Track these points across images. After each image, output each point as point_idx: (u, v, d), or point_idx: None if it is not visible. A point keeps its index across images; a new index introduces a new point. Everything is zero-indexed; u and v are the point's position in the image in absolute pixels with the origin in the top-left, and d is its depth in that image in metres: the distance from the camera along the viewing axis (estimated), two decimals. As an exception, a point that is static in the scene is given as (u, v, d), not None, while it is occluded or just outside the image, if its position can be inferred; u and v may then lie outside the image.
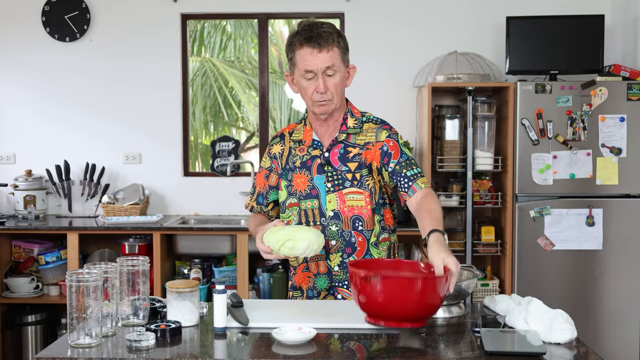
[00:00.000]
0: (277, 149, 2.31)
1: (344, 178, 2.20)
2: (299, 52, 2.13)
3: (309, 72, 2.13)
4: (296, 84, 2.22)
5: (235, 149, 4.71)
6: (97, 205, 4.50)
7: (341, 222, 2.19)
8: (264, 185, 2.33)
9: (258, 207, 2.36)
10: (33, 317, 4.25)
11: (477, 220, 4.23)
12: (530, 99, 3.85)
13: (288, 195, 2.25)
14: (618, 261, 3.86)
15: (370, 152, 2.21)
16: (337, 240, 2.20)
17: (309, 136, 2.26)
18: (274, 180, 2.31)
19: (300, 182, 2.23)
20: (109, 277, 1.86)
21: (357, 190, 2.19)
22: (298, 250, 2.00)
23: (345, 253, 2.20)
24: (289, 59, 2.20)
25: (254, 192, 2.37)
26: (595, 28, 3.99)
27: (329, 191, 2.20)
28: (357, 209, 2.19)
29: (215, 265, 4.31)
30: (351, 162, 2.20)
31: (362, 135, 2.24)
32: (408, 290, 1.70)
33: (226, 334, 1.87)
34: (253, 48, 5.82)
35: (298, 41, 2.13)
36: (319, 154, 2.23)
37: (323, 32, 2.12)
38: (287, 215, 2.26)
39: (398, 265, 1.98)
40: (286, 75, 2.28)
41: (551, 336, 1.78)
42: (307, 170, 2.22)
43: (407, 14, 4.51)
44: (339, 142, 2.23)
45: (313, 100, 2.16)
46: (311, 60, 2.11)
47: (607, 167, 3.84)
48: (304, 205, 2.22)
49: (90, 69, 4.60)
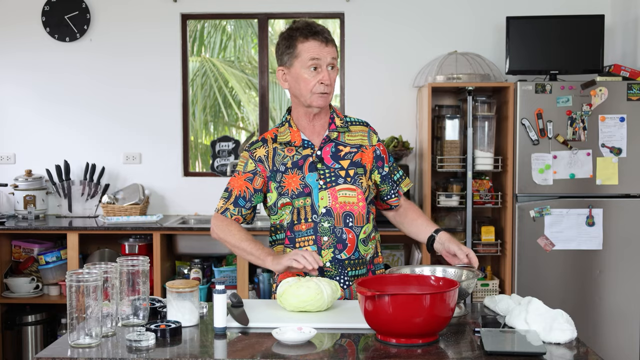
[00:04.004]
0: (261, 152, 2.30)
1: (337, 175, 2.25)
2: (303, 44, 2.20)
3: (315, 61, 2.19)
4: (293, 77, 2.24)
5: (235, 149, 4.71)
6: (97, 205, 4.50)
7: (333, 218, 2.22)
8: (246, 189, 2.30)
9: (235, 210, 2.29)
10: (33, 317, 4.25)
11: (477, 220, 4.23)
12: (530, 99, 3.85)
13: (279, 196, 2.27)
14: (618, 261, 3.86)
15: (365, 155, 2.30)
16: (329, 237, 2.23)
17: (298, 137, 2.29)
18: (259, 184, 2.30)
19: (293, 182, 2.25)
20: (109, 277, 1.86)
21: (350, 186, 2.25)
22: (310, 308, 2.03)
23: (336, 249, 2.23)
24: (287, 52, 2.23)
25: (229, 196, 2.31)
26: (595, 28, 3.99)
27: (322, 188, 2.23)
28: (348, 206, 2.24)
29: (215, 265, 4.31)
30: (343, 160, 2.27)
31: (350, 136, 2.32)
32: (416, 307, 1.70)
33: (226, 334, 1.87)
34: (253, 48, 5.82)
35: (302, 35, 2.20)
36: (310, 153, 2.27)
37: (324, 29, 2.24)
38: (278, 216, 2.29)
39: (406, 280, 1.96)
40: (278, 69, 2.30)
41: (551, 336, 1.78)
42: (299, 170, 2.25)
43: (407, 14, 4.51)
44: (330, 141, 2.29)
45: (314, 92, 2.21)
46: (319, 51, 2.20)
47: (607, 167, 3.84)
48: (297, 204, 2.24)
49: (90, 69, 4.60)
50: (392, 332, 1.75)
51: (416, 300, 1.71)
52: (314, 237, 2.23)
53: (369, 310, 1.75)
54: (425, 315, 1.71)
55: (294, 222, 2.25)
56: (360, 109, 4.35)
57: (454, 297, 1.76)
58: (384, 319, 1.73)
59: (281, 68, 2.28)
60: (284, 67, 2.27)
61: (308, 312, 2.01)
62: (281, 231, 2.30)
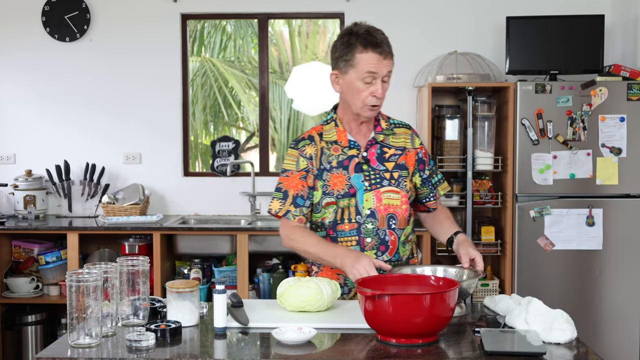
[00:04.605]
0: (310, 150, 2.29)
1: (381, 177, 2.26)
2: (362, 54, 2.16)
3: (371, 74, 2.16)
4: (346, 84, 2.22)
5: (235, 149, 4.71)
6: (97, 205, 4.50)
7: (377, 220, 2.23)
8: (302, 187, 2.27)
9: (297, 211, 2.25)
10: (33, 317, 4.24)
11: (477, 220, 4.23)
12: (530, 99, 3.85)
13: (323, 195, 2.26)
14: (618, 261, 3.86)
15: (408, 157, 2.31)
16: (372, 238, 2.23)
17: (344, 137, 2.29)
18: (311, 181, 2.28)
19: (338, 182, 2.25)
20: (109, 277, 1.86)
21: (394, 189, 2.26)
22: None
23: (379, 251, 2.24)
24: (343, 59, 2.20)
25: (285, 196, 2.27)
26: (595, 28, 3.99)
27: (367, 190, 2.24)
28: (392, 208, 2.25)
29: (215, 265, 4.31)
30: (388, 162, 2.28)
31: (395, 138, 2.33)
32: (416, 307, 1.70)
33: (226, 334, 1.87)
34: (253, 48, 5.82)
35: (361, 44, 2.16)
36: (356, 154, 2.27)
37: (385, 39, 2.19)
38: (321, 214, 2.28)
39: (406, 280, 1.96)
40: (332, 73, 2.27)
41: (551, 336, 1.78)
42: (344, 170, 2.25)
43: (407, 14, 4.51)
44: (376, 143, 2.30)
45: (365, 103, 2.20)
46: (377, 64, 2.16)
47: (607, 167, 3.84)
48: (342, 204, 2.24)
49: (90, 69, 4.59)
50: (392, 332, 1.75)
51: (416, 300, 1.71)
52: (357, 237, 2.23)
53: (369, 310, 1.75)
54: (425, 315, 1.71)
55: (337, 222, 2.25)
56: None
57: (454, 297, 1.76)
58: (384, 319, 1.73)
59: (335, 72, 2.25)
60: (338, 71, 2.23)
61: (308, 312, 2.01)
62: (322, 229, 2.29)
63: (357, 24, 2.22)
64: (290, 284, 2.05)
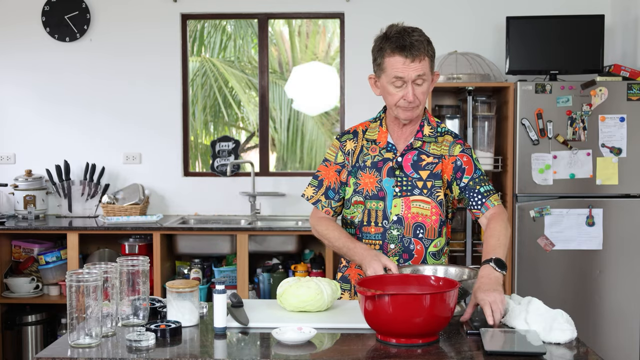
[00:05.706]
0: (350, 145, 2.29)
1: (414, 185, 2.21)
2: (389, 59, 2.12)
3: (398, 80, 2.12)
4: (381, 87, 2.21)
5: (235, 149, 4.71)
6: (97, 205, 4.50)
7: (403, 227, 2.20)
8: (336, 180, 2.28)
9: (326, 203, 2.29)
10: (33, 317, 4.25)
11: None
12: (530, 99, 3.85)
13: (354, 193, 2.25)
14: (618, 261, 3.86)
15: (444, 165, 2.23)
16: (396, 245, 2.21)
17: (384, 138, 2.26)
18: (344, 177, 2.28)
19: (369, 182, 2.23)
20: (109, 277, 1.86)
21: (424, 199, 2.20)
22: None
23: (402, 258, 2.22)
24: (376, 63, 2.18)
25: (320, 185, 2.30)
26: (595, 28, 3.98)
27: (396, 195, 2.21)
28: (420, 217, 2.20)
29: (215, 265, 4.31)
30: (423, 170, 2.22)
31: (436, 146, 2.25)
32: (416, 307, 1.70)
33: (226, 334, 1.87)
34: (253, 48, 5.82)
35: (389, 48, 2.11)
36: (391, 157, 2.24)
37: (415, 41, 2.10)
38: (351, 212, 2.27)
39: (406, 280, 1.96)
40: (370, 78, 2.26)
41: (551, 336, 1.78)
42: (377, 171, 2.23)
43: (407, 14, 4.49)
44: (413, 149, 2.24)
45: (398, 105, 2.16)
46: (403, 69, 2.10)
47: (607, 167, 3.84)
48: (370, 205, 2.22)
49: (90, 69, 4.60)
50: (392, 332, 1.75)
51: (416, 300, 1.71)
52: (381, 242, 2.22)
53: (369, 310, 1.75)
54: (425, 315, 1.71)
55: (363, 223, 2.24)
56: (360, 109, 4.35)
57: (454, 297, 1.76)
58: (384, 319, 1.73)
59: (372, 76, 2.24)
60: (374, 75, 2.23)
61: (308, 312, 2.01)
62: (351, 227, 2.29)
63: (392, 26, 2.16)
64: (290, 284, 2.05)
